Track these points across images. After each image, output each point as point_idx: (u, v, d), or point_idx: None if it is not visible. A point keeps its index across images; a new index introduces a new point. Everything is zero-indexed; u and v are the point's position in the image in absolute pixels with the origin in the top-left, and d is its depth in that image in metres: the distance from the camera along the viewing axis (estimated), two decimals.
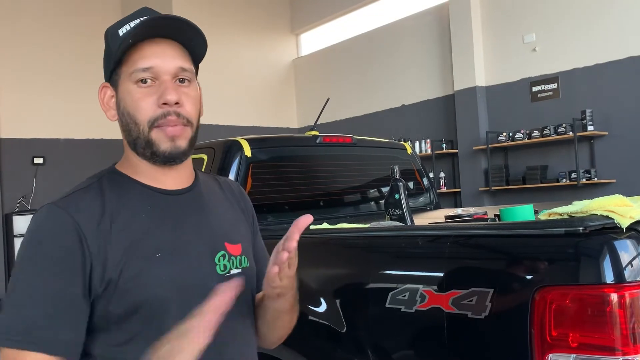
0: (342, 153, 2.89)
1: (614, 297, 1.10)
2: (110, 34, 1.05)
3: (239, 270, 1.10)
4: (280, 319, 1.13)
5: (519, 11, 6.84)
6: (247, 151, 2.44)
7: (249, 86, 9.21)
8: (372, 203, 2.99)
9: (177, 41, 1.03)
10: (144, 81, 1.00)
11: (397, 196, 1.95)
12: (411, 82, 8.09)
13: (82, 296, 0.94)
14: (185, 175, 1.10)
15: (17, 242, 7.32)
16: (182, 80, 1.03)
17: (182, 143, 1.02)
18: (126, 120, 1.03)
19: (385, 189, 2.71)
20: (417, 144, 7.66)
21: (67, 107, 8.26)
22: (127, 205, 1.01)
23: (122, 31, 1.03)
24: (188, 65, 1.04)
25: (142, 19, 1.02)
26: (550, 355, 1.15)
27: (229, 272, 1.08)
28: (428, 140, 7.65)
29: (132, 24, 1.02)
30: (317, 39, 9.98)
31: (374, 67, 8.61)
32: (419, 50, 7.99)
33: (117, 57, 1.00)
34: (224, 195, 1.20)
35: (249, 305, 1.14)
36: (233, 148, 2.44)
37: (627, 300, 1.11)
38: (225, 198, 1.19)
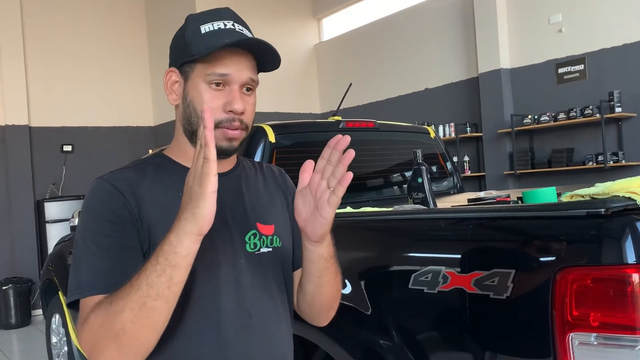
0: (365, 138, 2.91)
1: (636, 277, 1.11)
2: (191, 27, 1.12)
3: (270, 249, 1.16)
4: (324, 276, 1.13)
5: None
6: (271, 137, 2.48)
7: (271, 73, 9.21)
8: (396, 187, 3.01)
9: (252, 53, 1.12)
10: (217, 84, 1.09)
11: (419, 180, 1.97)
12: (434, 65, 8.02)
13: (139, 247, 1.04)
14: (228, 161, 1.20)
15: (49, 228, 7.52)
16: (248, 89, 1.13)
17: (237, 143, 1.13)
18: (190, 112, 1.12)
19: (408, 173, 2.72)
20: (440, 128, 7.61)
21: (95, 95, 8.40)
22: (167, 183, 1.11)
23: (204, 29, 1.10)
24: (255, 76, 1.14)
25: (226, 25, 1.10)
26: (571, 334, 1.17)
27: (258, 250, 1.15)
28: (452, 124, 7.59)
29: (216, 25, 1.10)
30: (339, 23, 9.93)
31: (397, 51, 8.54)
32: (442, 33, 7.91)
33: (198, 55, 1.08)
34: (264, 179, 1.28)
35: (278, 284, 1.19)
36: (257, 134, 2.48)
37: None
38: (264, 182, 1.27)
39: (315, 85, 10.05)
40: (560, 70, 6.59)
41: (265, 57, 1.14)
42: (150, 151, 3.37)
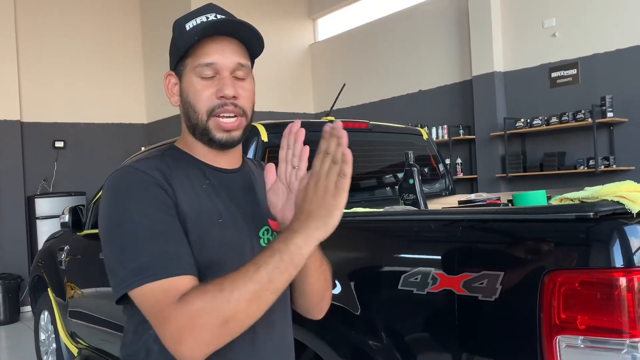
0: (358, 138, 2.91)
1: (623, 281, 1.12)
2: (178, 27, 1.15)
3: None
4: (308, 264, 1.13)
5: None
6: (264, 136, 2.48)
7: (265, 71, 9.21)
8: (388, 188, 3.01)
9: (236, 39, 1.13)
10: (206, 75, 1.11)
11: (411, 181, 1.97)
12: (428, 67, 8.04)
13: (181, 229, 1.04)
14: (236, 157, 1.22)
15: (39, 224, 7.47)
16: (240, 75, 1.14)
17: (237, 134, 1.15)
18: (187, 108, 1.14)
19: (400, 175, 2.72)
20: (433, 130, 7.63)
21: (87, 91, 8.36)
22: (189, 176, 1.12)
23: (188, 26, 1.13)
24: (245, 61, 1.15)
25: (208, 18, 1.12)
26: (559, 337, 1.17)
27: None
28: (445, 126, 7.61)
29: (199, 20, 1.12)
30: (334, 23, 9.93)
31: (391, 53, 8.56)
32: (437, 35, 7.93)
33: (182, 51, 1.11)
34: None
35: (284, 295, 1.18)
36: (250, 133, 2.48)
37: (636, 284, 1.12)
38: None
39: (310, 85, 10.05)
40: (553, 75, 6.62)
41: (250, 40, 1.15)
42: (143, 148, 3.36)
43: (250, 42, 1.15)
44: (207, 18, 1.12)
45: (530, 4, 6.82)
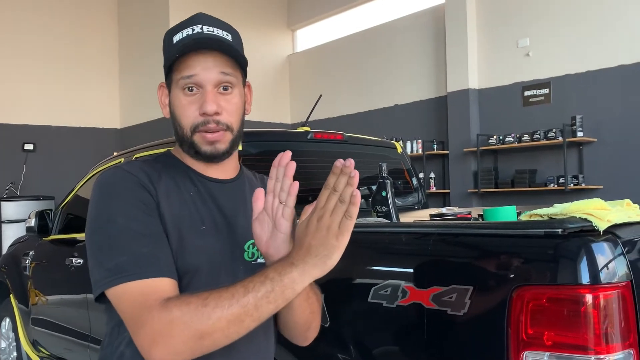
0: (333, 150, 2.91)
1: (589, 297, 1.13)
2: (167, 39, 1.15)
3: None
4: (296, 301, 1.10)
5: (514, 15, 6.88)
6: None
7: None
8: (361, 200, 3.01)
9: (220, 51, 1.10)
10: (190, 89, 1.10)
11: (383, 193, 1.97)
12: (405, 82, 8.12)
13: (162, 231, 1.04)
14: (230, 168, 1.20)
15: (5, 228, 7.28)
16: (225, 88, 1.11)
17: (222, 146, 1.12)
18: (174, 122, 1.14)
19: (374, 187, 2.73)
20: (408, 144, 7.69)
21: (60, 94, 8.22)
22: (178, 182, 1.12)
23: (175, 38, 1.12)
24: (230, 69, 1.11)
25: (194, 30, 1.11)
26: (526, 352, 1.18)
27: (256, 259, 1.16)
28: (419, 140, 7.68)
29: (184, 32, 1.11)
30: (313, 35, 9.98)
31: (369, 66, 8.63)
32: (414, 51, 8.02)
33: (167, 64, 1.11)
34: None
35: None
36: None
37: (602, 301, 1.14)
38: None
39: (287, 96, 10.06)
40: (526, 93, 6.76)
41: (233, 53, 1.13)
42: (115, 153, 3.30)
43: (234, 54, 1.13)
44: (193, 30, 1.11)
45: (505, 23, 6.96)
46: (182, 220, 1.07)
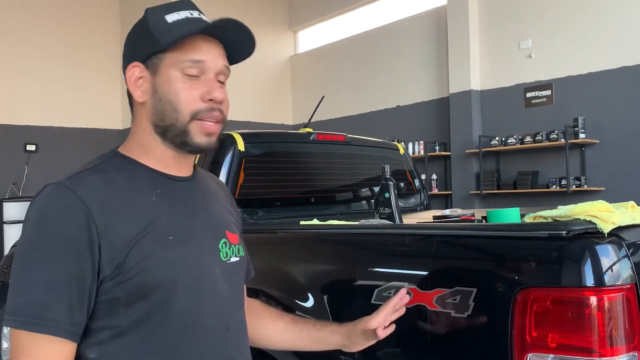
0: (335, 151, 2.91)
1: (594, 300, 1.13)
2: (154, 18, 1.05)
3: (237, 259, 1.13)
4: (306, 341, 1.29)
5: (516, 17, 6.88)
6: (241, 145, 2.45)
7: (244, 81, 9.21)
8: (364, 202, 3.01)
9: (222, 41, 1.07)
10: (191, 72, 1.02)
11: (386, 195, 1.97)
12: (407, 83, 8.12)
13: (91, 278, 0.93)
14: (191, 164, 1.13)
15: (7, 229, 7.28)
16: (221, 80, 1.07)
17: (214, 139, 1.06)
18: (163, 107, 1.03)
19: (376, 188, 2.73)
20: (410, 145, 7.69)
21: (63, 95, 8.23)
22: (137, 187, 1.02)
23: (170, 18, 1.04)
24: (227, 63, 1.08)
25: (192, 14, 1.05)
26: (530, 355, 1.17)
27: (229, 259, 1.11)
28: (421, 141, 7.68)
29: (182, 14, 1.04)
30: (314, 36, 9.98)
31: (371, 67, 8.63)
32: (416, 52, 8.02)
33: (165, 43, 1.01)
34: (220, 188, 1.25)
35: (242, 293, 1.19)
36: (227, 142, 2.45)
37: (606, 303, 1.13)
38: (220, 190, 1.24)
39: (289, 97, 10.06)
40: (528, 95, 6.75)
41: (236, 47, 1.09)
42: None
43: (233, 49, 1.09)
44: (192, 14, 1.05)
45: (507, 24, 6.96)
46: (145, 234, 0.96)
